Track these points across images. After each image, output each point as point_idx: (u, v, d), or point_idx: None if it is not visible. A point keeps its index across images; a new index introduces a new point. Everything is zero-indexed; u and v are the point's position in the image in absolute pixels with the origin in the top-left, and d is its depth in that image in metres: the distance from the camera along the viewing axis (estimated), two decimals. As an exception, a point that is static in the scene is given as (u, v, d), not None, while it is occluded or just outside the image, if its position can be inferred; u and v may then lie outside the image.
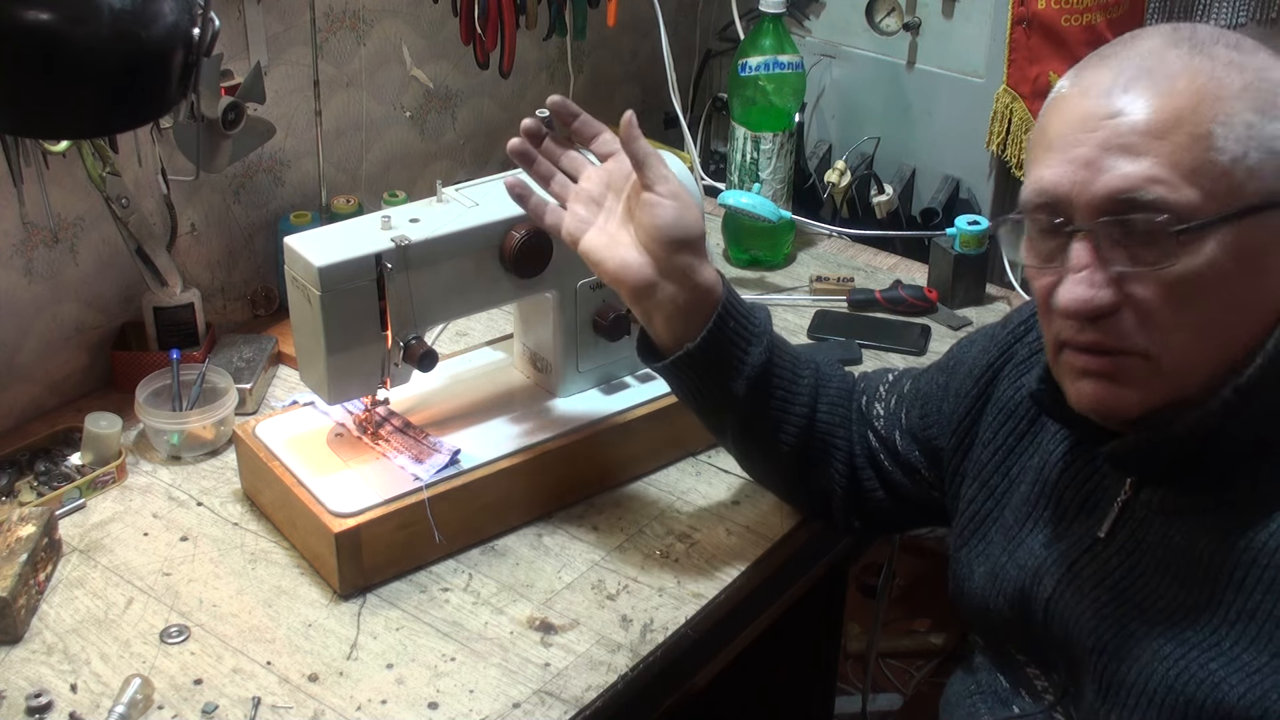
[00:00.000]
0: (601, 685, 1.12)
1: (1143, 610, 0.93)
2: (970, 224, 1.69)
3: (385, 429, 1.31)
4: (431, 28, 1.77)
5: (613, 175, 1.18)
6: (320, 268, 1.16)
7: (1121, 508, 0.97)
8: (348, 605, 1.21)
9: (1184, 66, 0.86)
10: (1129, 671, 0.93)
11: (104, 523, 1.31)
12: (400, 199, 1.65)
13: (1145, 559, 0.95)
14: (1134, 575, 0.95)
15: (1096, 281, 0.88)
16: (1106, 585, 0.96)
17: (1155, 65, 0.87)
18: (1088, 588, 0.98)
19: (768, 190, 1.79)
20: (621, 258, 1.15)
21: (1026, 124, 1.77)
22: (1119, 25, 1.76)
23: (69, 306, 1.48)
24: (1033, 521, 1.06)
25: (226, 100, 1.37)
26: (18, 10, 1.02)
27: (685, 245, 1.14)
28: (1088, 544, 0.99)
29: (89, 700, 1.10)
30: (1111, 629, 0.95)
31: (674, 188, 1.14)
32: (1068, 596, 0.99)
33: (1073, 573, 0.99)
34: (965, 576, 1.12)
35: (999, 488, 1.10)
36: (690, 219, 1.14)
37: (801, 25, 1.98)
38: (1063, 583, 1.00)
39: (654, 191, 1.13)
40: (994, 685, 1.11)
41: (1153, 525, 0.95)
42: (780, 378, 1.20)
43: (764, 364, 1.17)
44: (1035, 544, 1.04)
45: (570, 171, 1.22)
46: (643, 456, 1.38)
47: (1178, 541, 0.92)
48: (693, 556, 1.27)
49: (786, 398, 1.21)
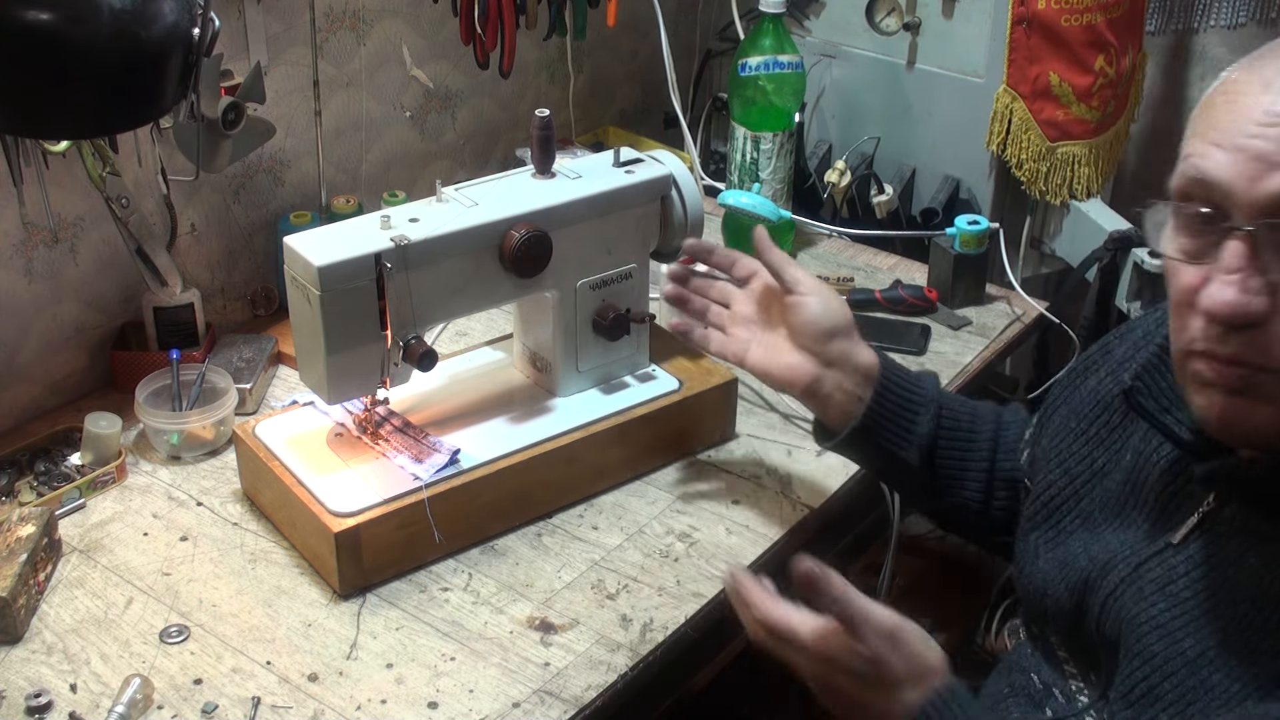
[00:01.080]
0: (601, 685, 1.12)
1: (1198, 628, 0.90)
2: (970, 224, 1.69)
3: (385, 429, 1.31)
4: (431, 28, 1.77)
5: (759, 294, 1.27)
6: (320, 267, 1.16)
7: (1202, 518, 0.94)
8: (347, 605, 1.21)
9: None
10: (1168, 689, 0.90)
11: (104, 523, 1.31)
12: (400, 199, 1.65)
13: (1214, 575, 0.91)
14: (1198, 589, 0.91)
15: (1251, 287, 0.82)
16: (1168, 593, 0.93)
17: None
18: (1149, 590, 0.95)
19: (768, 190, 1.79)
20: (785, 363, 1.22)
21: (1026, 124, 1.77)
22: (1119, 25, 1.76)
23: (69, 306, 1.48)
24: (1114, 516, 1.03)
25: (226, 100, 1.37)
26: (18, 10, 1.02)
27: (836, 333, 1.20)
28: (1159, 548, 0.96)
29: (89, 700, 1.10)
30: (1161, 639, 0.92)
31: (813, 284, 1.21)
32: (1128, 596, 0.96)
33: (1138, 574, 0.96)
34: (1031, 559, 1.09)
35: (1080, 476, 1.07)
36: (835, 307, 1.21)
37: (801, 25, 1.98)
38: (1126, 581, 0.97)
39: (796, 292, 1.20)
40: (1028, 686, 1.10)
41: (1231, 542, 0.91)
42: (954, 441, 1.22)
43: (932, 432, 1.20)
44: (1111, 539, 1.01)
45: (721, 300, 1.31)
46: (643, 456, 1.38)
47: (1252, 565, 0.89)
48: (693, 556, 1.27)
49: (964, 458, 1.22)
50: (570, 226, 1.30)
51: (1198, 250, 0.86)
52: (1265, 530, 0.89)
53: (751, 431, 1.45)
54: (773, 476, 1.38)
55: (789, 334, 1.23)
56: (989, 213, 1.87)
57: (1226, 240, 0.83)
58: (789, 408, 1.49)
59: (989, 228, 1.69)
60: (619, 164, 1.36)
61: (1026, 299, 1.72)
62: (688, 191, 1.37)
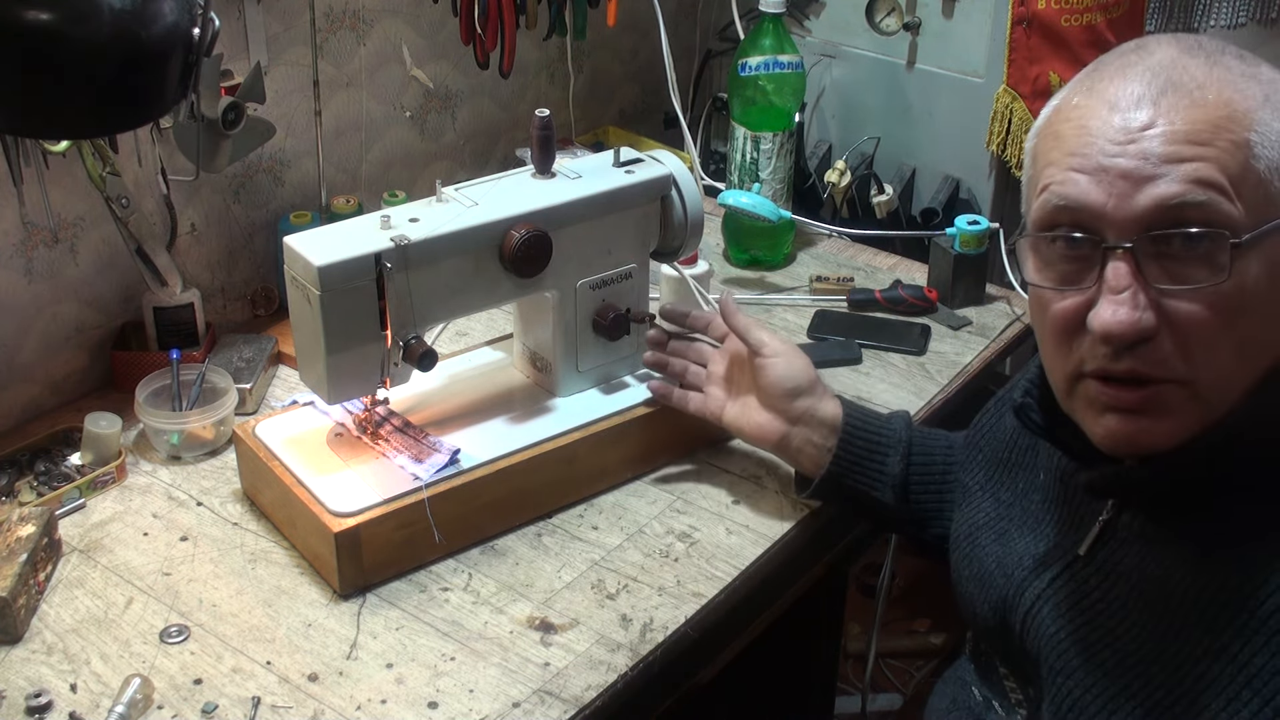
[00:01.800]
0: (601, 685, 1.12)
1: (1114, 638, 0.91)
2: (970, 224, 1.69)
3: (385, 429, 1.31)
4: (431, 28, 1.77)
5: (733, 353, 1.33)
6: (320, 267, 1.16)
7: (1103, 527, 0.95)
8: (347, 605, 1.21)
9: (1207, 76, 0.84)
10: (1091, 701, 0.90)
11: (104, 523, 1.31)
12: (400, 199, 1.65)
13: (1120, 584, 0.92)
14: (1109, 599, 0.92)
15: (1140, 303, 0.83)
16: (1081, 606, 0.94)
17: (1180, 76, 0.84)
18: (1064, 607, 0.95)
19: (768, 190, 1.79)
20: (755, 421, 1.29)
21: (1026, 124, 1.77)
22: (1119, 25, 1.76)
23: (69, 306, 1.48)
24: (1030, 531, 1.04)
25: (226, 100, 1.37)
26: (18, 10, 1.02)
27: (800, 391, 1.27)
28: (1068, 561, 0.97)
29: (89, 700, 1.10)
30: (1079, 653, 0.92)
31: (777, 345, 1.28)
32: (1045, 613, 0.97)
33: (1052, 589, 0.97)
34: (957, 580, 1.13)
35: (1005, 501, 1.09)
36: (798, 367, 1.27)
37: (801, 25, 1.98)
38: (1042, 598, 0.98)
39: (761, 355, 1.28)
40: (968, 700, 1.12)
41: (1131, 549, 0.92)
42: (928, 476, 1.25)
43: (903, 471, 1.25)
44: (1025, 554, 1.03)
45: (699, 361, 1.37)
46: (643, 456, 1.38)
47: (1153, 571, 0.90)
48: (693, 556, 1.27)
49: (940, 491, 1.25)
50: (570, 226, 1.30)
51: (1071, 275, 0.87)
52: (1160, 535, 0.90)
53: (751, 431, 1.45)
54: (773, 476, 1.38)
55: (758, 394, 1.29)
56: (989, 213, 1.87)
57: (1107, 261, 0.84)
58: (789, 408, 1.49)
59: (989, 228, 1.69)
60: (619, 164, 1.36)
61: (1026, 299, 1.72)
62: (688, 191, 1.37)
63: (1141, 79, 0.85)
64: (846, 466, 1.25)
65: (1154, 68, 0.85)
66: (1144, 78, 0.85)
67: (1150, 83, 0.84)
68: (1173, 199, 0.81)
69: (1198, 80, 0.84)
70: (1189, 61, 0.85)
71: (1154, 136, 0.82)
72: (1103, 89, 0.86)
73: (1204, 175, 0.81)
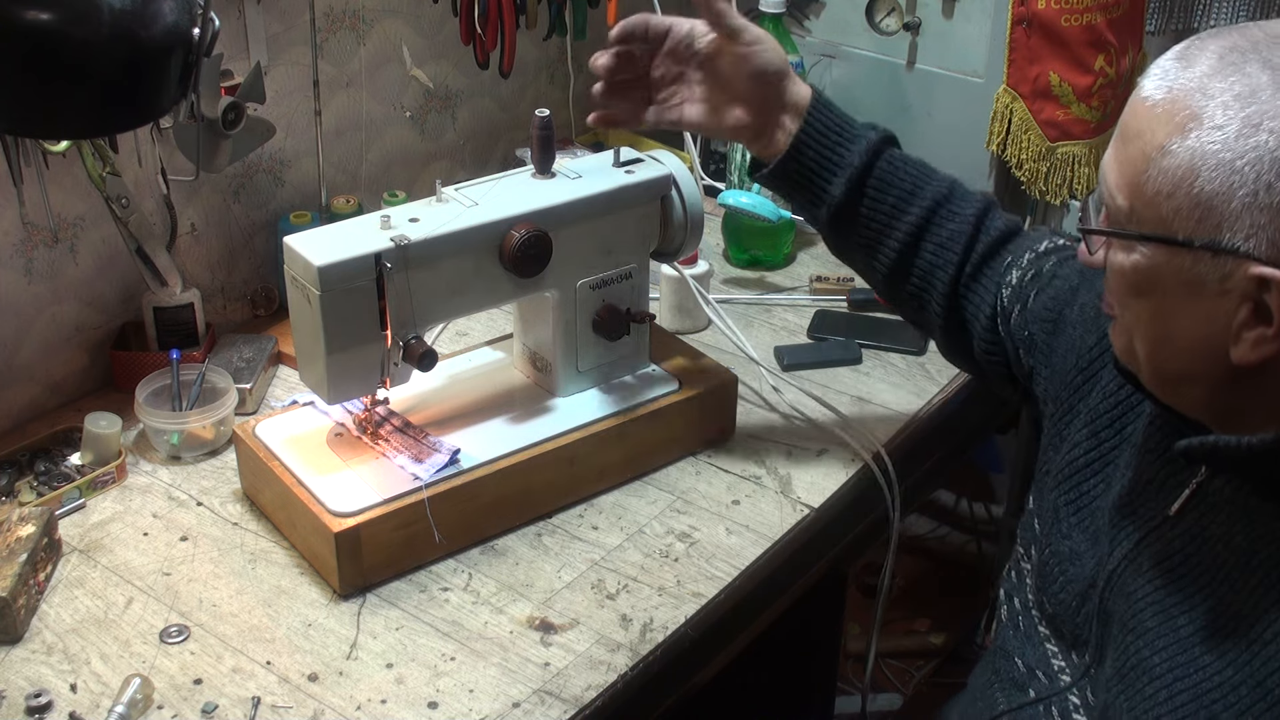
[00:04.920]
0: (601, 685, 1.12)
1: (1192, 606, 0.91)
2: (970, 224, 1.69)
3: (385, 429, 1.31)
4: (431, 28, 1.77)
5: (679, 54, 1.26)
6: (320, 267, 1.16)
7: (1196, 488, 0.95)
8: (347, 605, 1.21)
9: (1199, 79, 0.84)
10: (1158, 664, 0.90)
11: (104, 523, 1.31)
12: (400, 199, 1.65)
13: (1207, 551, 0.92)
14: (1192, 564, 0.92)
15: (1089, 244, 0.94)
16: (1166, 567, 0.94)
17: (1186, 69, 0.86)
18: (1146, 566, 0.95)
19: (768, 190, 1.79)
20: (733, 117, 1.25)
21: (1026, 124, 1.77)
22: (1119, 25, 1.76)
23: (69, 306, 1.48)
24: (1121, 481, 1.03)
25: (226, 100, 1.37)
26: (18, 10, 1.02)
27: (782, 74, 1.24)
28: (1158, 521, 0.96)
29: (89, 700, 1.10)
30: (1156, 615, 0.92)
31: (756, 32, 1.23)
32: (1129, 573, 0.97)
33: (1139, 549, 0.97)
34: (1052, 520, 1.09)
35: (1107, 441, 1.07)
36: (779, 52, 1.25)
37: (801, 25, 1.98)
38: (1128, 558, 0.97)
39: (741, 40, 1.22)
40: (1011, 671, 1.11)
41: (1220, 514, 0.92)
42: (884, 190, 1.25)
43: (862, 166, 1.24)
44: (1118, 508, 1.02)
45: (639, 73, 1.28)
46: (643, 456, 1.38)
47: (1240, 541, 0.90)
48: (693, 556, 1.27)
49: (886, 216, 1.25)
50: (570, 226, 1.30)
51: None
52: (1252, 505, 0.90)
53: (751, 431, 1.45)
54: (773, 476, 1.38)
55: (731, 82, 1.24)
56: (989, 213, 1.87)
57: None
58: (789, 408, 1.49)
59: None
60: (619, 164, 1.36)
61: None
62: (688, 191, 1.37)
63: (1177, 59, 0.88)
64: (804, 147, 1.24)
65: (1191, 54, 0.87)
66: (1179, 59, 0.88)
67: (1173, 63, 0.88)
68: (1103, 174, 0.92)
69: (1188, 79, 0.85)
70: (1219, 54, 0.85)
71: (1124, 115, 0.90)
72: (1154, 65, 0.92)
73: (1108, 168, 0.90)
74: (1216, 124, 0.82)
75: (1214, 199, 0.82)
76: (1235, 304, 0.84)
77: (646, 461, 1.38)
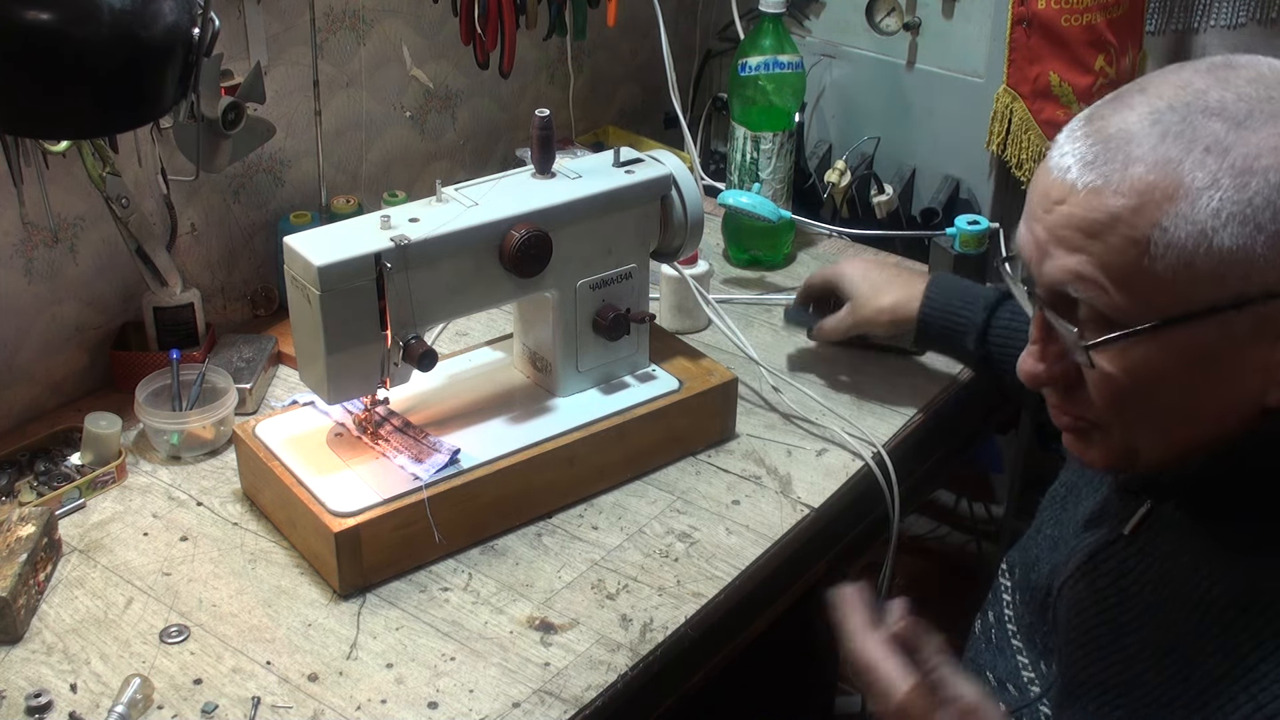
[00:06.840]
0: (601, 685, 1.12)
1: (1140, 625, 0.92)
2: (970, 224, 1.68)
3: (385, 429, 1.31)
4: (431, 28, 1.77)
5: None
6: (320, 267, 1.16)
7: (1150, 510, 0.96)
8: (347, 605, 1.21)
9: (1151, 150, 0.80)
10: (1104, 679, 0.92)
11: (104, 523, 1.31)
12: (400, 199, 1.65)
13: (1157, 571, 0.93)
14: (1144, 584, 0.93)
15: (1045, 356, 0.89)
16: (1119, 586, 0.95)
17: (1122, 145, 0.81)
18: (1101, 583, 0.97)
19: (768, 190, 1.79)
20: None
21: (1026, 124, 1.77)
22: (1119, 25, 1.76)
23: (69, 306, 1.48)
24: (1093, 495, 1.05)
25: (226, 100, 1.37)
26: (18, 10, 1.02)
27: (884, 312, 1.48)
28: (1113, 537, 0.98)
29: (89, 700, 1.10)
30: (1110, 633, 0.94)
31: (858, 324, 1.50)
32: (1082, 585, 0.98)
33: (1093, 563, 0.98)
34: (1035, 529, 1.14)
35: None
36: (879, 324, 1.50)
37: (801, 25, 1.98)
38: (1082, 570, 0.99)
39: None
40: (984, 684, 1.11)
41: (1170, 534, 0.93)
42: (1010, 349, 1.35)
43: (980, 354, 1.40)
44: (1082, 521, 1.04)
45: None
46: (643, 456, 1.38)
47: (1184, 562, 0.90)
48: (693, 556, 1.27)
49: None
50: (570, 226, 1.30)
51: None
52: (1195, 530, 0.91)
53: (751, 431, 1.45)
54: (773, 476, 1.38)
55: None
56: (989, 213, 1.87)
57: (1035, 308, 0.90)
58: (789, 408, 1.49)
59: (989, 228, 1.69)
60: (619, 164, 1.36)
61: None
62: (688, 191, 1.37)
63: (1088, 139, 0.83)
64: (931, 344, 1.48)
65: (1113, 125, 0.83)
66: (1093, 138, 0.83)
67: (1092, 145, 0.83)
68: (1055, 283, 0.85)
69: (1136, 154, 0.81)
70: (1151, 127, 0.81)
71: (1058, 215, 0.83)
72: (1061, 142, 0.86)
73: (1083, 271, 0.82)
74: (1202, 185, 0.78)
75: (1235, 253, 0.78)
76: (1270, 346, 0.81)
77: (646, 461, 1.38)
